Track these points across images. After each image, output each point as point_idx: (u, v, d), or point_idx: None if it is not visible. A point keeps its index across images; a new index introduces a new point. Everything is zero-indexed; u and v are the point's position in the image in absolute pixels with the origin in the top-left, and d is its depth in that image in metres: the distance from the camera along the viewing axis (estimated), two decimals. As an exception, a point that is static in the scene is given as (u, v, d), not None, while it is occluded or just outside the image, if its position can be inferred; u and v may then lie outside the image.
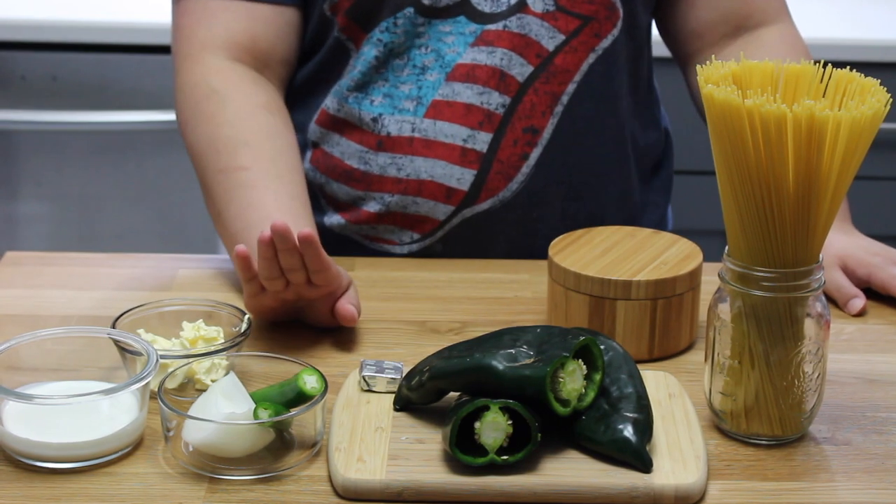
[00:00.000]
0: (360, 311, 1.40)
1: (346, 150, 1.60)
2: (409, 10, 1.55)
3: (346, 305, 1.38)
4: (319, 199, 1.64)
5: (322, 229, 1.61)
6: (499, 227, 1.60)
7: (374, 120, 1.58)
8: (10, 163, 2.69)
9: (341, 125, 1.60)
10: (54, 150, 2.69)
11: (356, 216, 1.62)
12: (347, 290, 1.40)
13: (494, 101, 1.56)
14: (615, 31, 1.59)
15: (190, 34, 1.59)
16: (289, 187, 1.50)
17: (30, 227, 2.74)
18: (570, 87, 1.58)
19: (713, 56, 1.62)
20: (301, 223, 1.47)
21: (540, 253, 1.59)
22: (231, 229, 1.48)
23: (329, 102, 1.61)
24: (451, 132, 1.56)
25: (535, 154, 1.58)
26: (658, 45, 1.73)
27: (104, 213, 2.73)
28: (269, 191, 1.48)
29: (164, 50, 2.56)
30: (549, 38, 1.56)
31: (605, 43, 1.58)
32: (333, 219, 1.64)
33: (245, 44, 1.58)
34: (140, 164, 2.70)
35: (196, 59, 1.57)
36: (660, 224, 1.72)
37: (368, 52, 1.57)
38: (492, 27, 1.55)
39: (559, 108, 1.58)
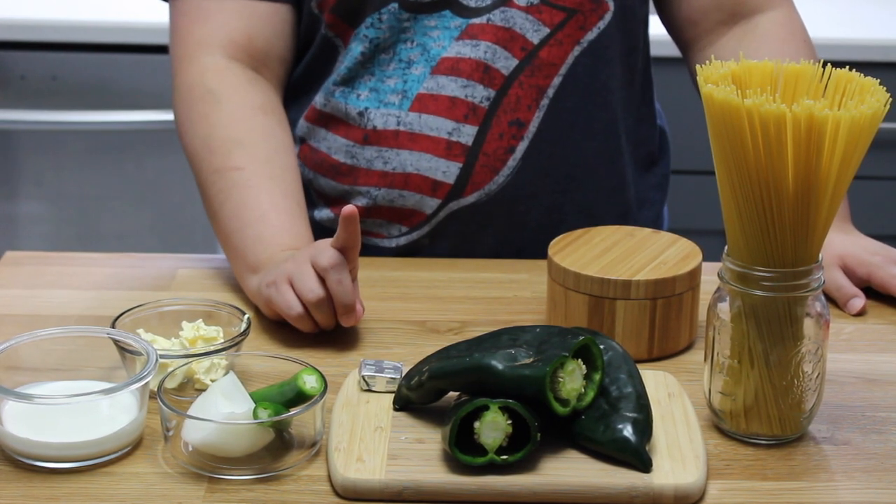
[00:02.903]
0: (364, 308, 1.40)
1: (332, 145, 1.60)
2: (394, 6, 1.55)
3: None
4: (310, 193, 1.64)
5: (312, 223, 1.61)
6: (486, 220, 1.60)
7: (360, 114, 1.58)
8: (10, 163, 2.69)
9: (327, 120, 1.61)
10: (54, 150, 2.69)
11: None
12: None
13: (479, 94, 1.56)
14: (602, 24, 1.58)
15: (186, 34, 1.59)
16: (283, 186, 1.51)
17: (30, 227, 2.74)
18: (556, 81, 1.58)
19: (711, 46, 1.64)
20: (296, 222, 1.48)
21: (529, 246, 1.59)
22: (226, 229, 1.49)
23: (317, 98, 1.61)
24: (436, 125, 1.56)
25: (522, 147, 1.58)
26: (657, 44, 1.73)
27: (104, 213, 2.73)
28: (264, 190, 1.49)
29: (164, 50, 2.56)
30: (534, 32, 1.56)
31: (591, 35, 1.58)
32: (323, 213, 1.64)
33: (242, 42, 1.58)
34: (140, 164, 2.70)
35: (192, 59, 1.57)
36: (655, 223, 1.72)
37: (355, 48, 1.57)
38: (476, 21, 1.55)
39: (545, 102, 1.58)
